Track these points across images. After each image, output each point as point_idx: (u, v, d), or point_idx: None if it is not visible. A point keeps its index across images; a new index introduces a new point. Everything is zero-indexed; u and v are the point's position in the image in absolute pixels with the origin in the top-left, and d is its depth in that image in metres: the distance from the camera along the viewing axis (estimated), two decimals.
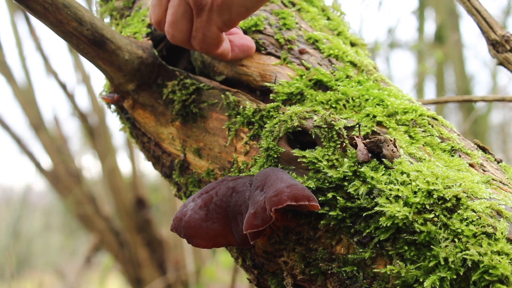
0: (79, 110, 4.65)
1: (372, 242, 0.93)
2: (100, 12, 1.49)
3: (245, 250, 1.09)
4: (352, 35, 1.34)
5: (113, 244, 4.56)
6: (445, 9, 5.70)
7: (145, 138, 1.32)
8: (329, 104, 1.13)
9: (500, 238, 0.87)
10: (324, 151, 0.99)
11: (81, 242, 7.62)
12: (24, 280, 6.93)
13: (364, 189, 0.94)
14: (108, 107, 1.40)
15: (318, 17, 1.32)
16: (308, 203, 0.90)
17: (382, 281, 0.91)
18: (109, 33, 1.14)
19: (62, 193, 4.57)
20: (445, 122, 1.15)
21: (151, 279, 4.45)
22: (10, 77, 4.51)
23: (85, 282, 6.83)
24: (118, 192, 4.55)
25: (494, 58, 1.28)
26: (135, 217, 4.50)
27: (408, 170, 0.96)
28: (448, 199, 0.91)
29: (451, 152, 1.07)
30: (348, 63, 1.21)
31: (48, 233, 8.58)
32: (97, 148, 4.63)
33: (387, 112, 1.09)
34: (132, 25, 1.34)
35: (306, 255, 0.98)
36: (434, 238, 0.89)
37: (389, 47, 5.56)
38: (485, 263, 0.84)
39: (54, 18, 1.07)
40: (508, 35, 1.26)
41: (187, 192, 1.25)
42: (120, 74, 1.20)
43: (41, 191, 8.05)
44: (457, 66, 5.83)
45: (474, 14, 1.29)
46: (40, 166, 4.61)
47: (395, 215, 0.91)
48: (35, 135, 4.55)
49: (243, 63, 1.24)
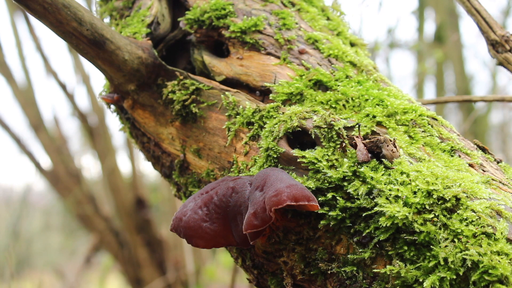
0: (79, 110, 4.64)
1: (372, 242, 0.93)
2: (100, 12, 1.49)
3: (245, 250, 1.09)
4: (351, 35, 1.34)
5: (113, 244, 4.56)
6: (445, 9, 5.69)
7: (145, 138, 1.32)
8: (328, 104, 1.13)
9: (500, 238, 0.87)
10: (324, 151, 0.99)
11: (81, 242, 7.62)
12: (24, 280, 6.93)
13: (364, 189, 0.94)
14: (108, 107, 1.40)
15: (318, 17, 1.32)
16: (307, 203, 0.90)
17: (382, 281, 0.91)
18: (108, 33, 1.14)
19: (62, 193, 4.57)
20: (444, 122, 1.15)
21: (151, 279, 4.45)
22: (10, 77, 4.51)
23: (85, 282, 6.83)
24: (118, 192, 4.54)
25: (493, 58, 1.28)
26: (135, 217, 4.50)
27: (407, 170, 0.96)
28: (448, 199, 0.91)
29: (450, 152, 1.07)
30: (347, 63, 1.21)
31: (48, 233, 8.58)
32: (97, 148, 4.63)
33: (387, 112, 1.09)
34: (132, 25, 1.34)
35: (306, 255, 0.98)
36: (434, 238, 0.89)
37: (389, 47, 5.56)
38: (484, 263, 0.84)
39: (54, 18, 1.07)
40: (507, 35, 1.26)
41: (186, 192, 1.25)
42: (120, 74, 1.20)
43: (41, 191, 8.05)
44: (457, 66, 5.83)
45: (473, 14, 1.29)
46: (40, 166, 4.61)
47: (394, 215, 0.91)
48: (35, 135, 4.55)
49: (243, 63, 1.24)
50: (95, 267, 6.67)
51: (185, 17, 1.31)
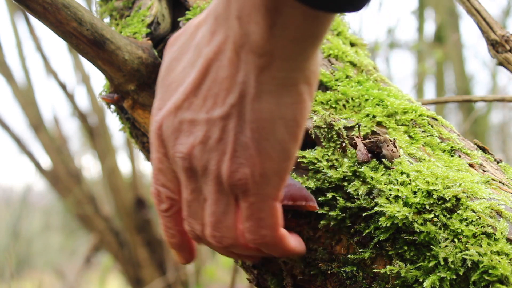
0: (79, 110, 4.64)
1: (372, 242, 0.93)
2: (100, 12, 1.49)
3: None
4: (351, 35, 1.34)
5: (113, 244, 4.56)
6: (445, 9, 5.69)
7: (145, 138, 1.32)
8: (329, 104, 1.13)
9: (500, 238, 0.87)
10: (324, 151, 0.99)
11: (81, 242, 7.62)
12: (24, 280, 6.93)
13: (364, 189, 0.94)
14: (108, 107, 1.40)
15: None
16: (305, 204, 0.90)
17: (382, 281, 0.91)
18: (108, 33, 1.14)
19: (62, 193, 4.56)
20: (444, 122, 1.15)
21: (151, 279, 4.45)
22: (10, 77, 4.50)
23: (85, 282, 6.83)
24: (118, 192, 4.54)
25: (493, 58, 1.28)
26: (135, 217, 4.49)
27: (407, 170, 0.96)
28: (448, 199, 0.91)
29: (450, 152, 1.07)
30: (347, 63, 1.21)
31: (48, 233, 8.58)
32: (97, 148, 4.63)
33: (387, 112, 1.09)
34: (132, 25, 1.34)
35: (306, 255, 0.98)
36: (434, 238, 0.89)
37: (389, 47, 5.56)
38: (484, 263, 0.84)
39: (54, 18, 1.07)
40: (507, 35, 1.26)
41: None
42: (120, 74, 1.20)
43: (41, 191, 8.05)
44: (457, 66, 5.83)
45: (473, 14, 1.29)
46: (40, 166, 4.61)
47: (394, 215, 0.91)
48: (35, 135, 4.55)
49: None
50: (95, 267, 6.67)
51: (185, 17, 1.31)
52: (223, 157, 0.68)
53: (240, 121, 0.67)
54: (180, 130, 0.69)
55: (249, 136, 0.68)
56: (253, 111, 0.66)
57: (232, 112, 0.66)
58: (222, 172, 0.69)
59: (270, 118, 0.68)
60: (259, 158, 0.69)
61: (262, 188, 0.70)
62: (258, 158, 0.69)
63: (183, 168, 0.70)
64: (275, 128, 0.69)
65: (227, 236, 0.75)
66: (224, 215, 0.73)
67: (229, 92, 0.65)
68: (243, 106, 0.66)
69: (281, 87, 0.67)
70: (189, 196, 0.74)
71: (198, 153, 0.68)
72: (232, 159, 0.68)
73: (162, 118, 0.70)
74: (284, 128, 0.69)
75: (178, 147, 0.70)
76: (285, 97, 0.68)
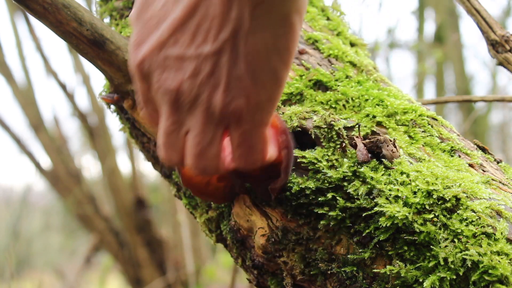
0: (79, 110, 4.64)
1: (371, 242, 0.93)
2: (100, 12, 1.48)
3: (244, 251, 1.09)
4: (351, 35, 1.34)
5: (113, 244, 4.56)
6: (445, 9, 5.69)
7: (144, 138, 1.32)
8: (328, 104, 1.12)
9: (500, 238, 0.86)
10: (324, 151, 0.99)
11: (81, 242, 7.62)
12: (24, 280, 6.93)
13: (364, 190, 0.94)
14: (107, 107, 1.40)
15: (318, 17, 1.32)
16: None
17: (381, 281, 0.91)
18: (108, 33, 1.14)
19: (62, 193, 4.57)
20: (444, 122, 1.15)
21: (151, 279, 4.45)
22: (10, 77, 4.50)
23: (85, 282, 6.83)
24: (118, 192, 4.54)
25: (493, 58, 1.28)
26: (135, 217, 4.50)
27: (407, 170, 0.96)
28: (448, 199, 0.91)
29: (450, 152, 1.07)
30: (347, 63, 1.21)
31: (48, 233, 8.58)
32: (97, 148, 4.63)
33: (387, 112, 1.09)
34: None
35: (306, 255, 0.98)
36: (434, 238, 0.89)
37: (389, 47, 5.56)
38: (484, 263, 0.84)
39: (54, 18, 1.07)
40: (507, 35, 1.26)
41: (186, 192, 1.25)
42: (120, 74, 1.20)
43: (41, 191, 8.05)
44: (457, 66, 5.83)
45: (473, 14, 1.29)
46: (40, 166, 4.61)
47: (394, 215, 0.91)
48: (35, 135, 4.55)
49: None
50: (95, 267, 6.67)
51: None
52: (215, 89, 0.69)
53: (233, 55, 0.69)
54: (165, 66, 0.69)
55: (243, 68, 0.70)
56: (247, 45, 0.68)
57: (225, 48, 0.67)
58: (214, 104, 0.70)
59: (265, 50, 0.70)
60: (254, 89, 0.72)
61: (256, 116, 0.74)
62: (253, 89, 0.72)
63: (169, 101, 0.71)
64: (270, 58, 0.71)
65: (211, 165, 0.77)
66: (209, 145, 0.75)
67: (222, 28, 0.66)
68: (236, 41, 0.67)
69: (275, 19, 0.69)
70: (169, 128, 0.75)
71: (187, 87, 0.69)
72: (225, 92, 0.70)
73: (144, 54, 0.70)
74: (278, 57, 0.72)
75: (164, 81, 0.70)
76: (279, 28, 0.70)
